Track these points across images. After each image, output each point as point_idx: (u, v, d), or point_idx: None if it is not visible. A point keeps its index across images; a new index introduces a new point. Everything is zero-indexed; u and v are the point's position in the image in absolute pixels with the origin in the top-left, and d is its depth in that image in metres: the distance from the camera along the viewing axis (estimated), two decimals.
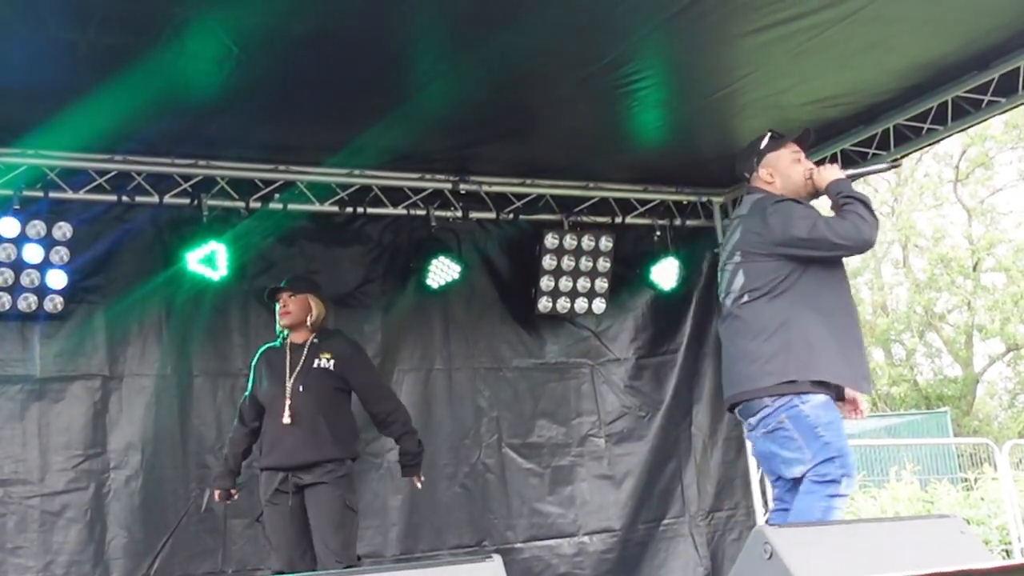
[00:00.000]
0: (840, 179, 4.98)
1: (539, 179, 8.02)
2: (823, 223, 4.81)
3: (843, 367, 4.85)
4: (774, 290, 4.89)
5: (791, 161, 5.10)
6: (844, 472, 4.78)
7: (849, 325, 4.94)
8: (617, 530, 8.02)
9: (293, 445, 6.02)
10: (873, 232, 4.81)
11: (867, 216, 4.79)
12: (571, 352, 8.21)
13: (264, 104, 6.24)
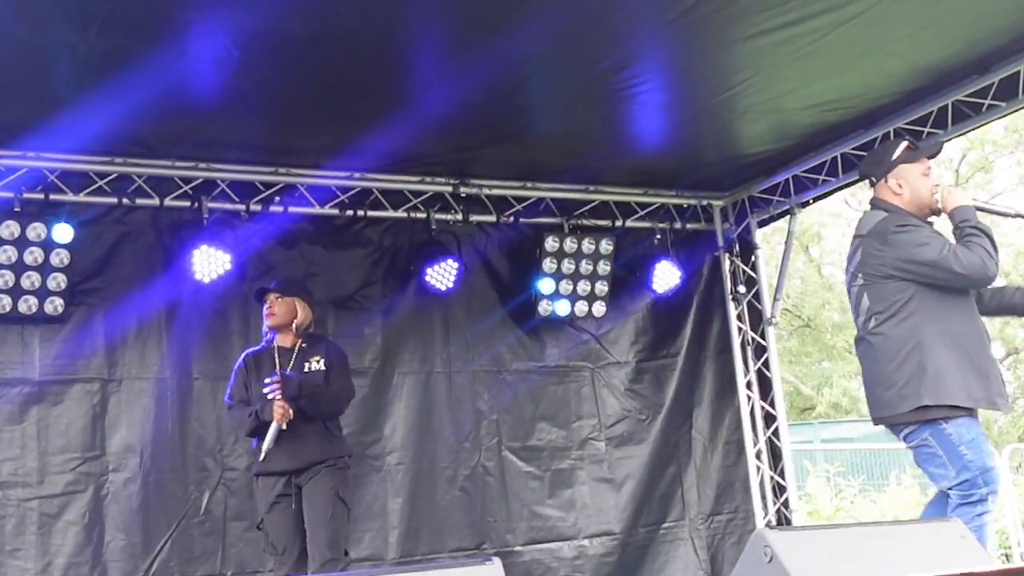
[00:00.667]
0: (967, 206, 5.05)
1: (539, 182, 8.03)
2: (950, 251, 4.91)
3: (977, 388, 4.93)
4: (899, 312, 5.02)
5: (921, 175, 5.17)
6: (990, 490, 4.89)
7: (979, 344, 5.01)
8: (617, 533, 8.01)
9: (295, 448, 5.97)
10: (996, 267, 4.93)
11: (992, 251, 4.91)
12: (571, 355, 8.21)
13: (264, 106, 6.24)
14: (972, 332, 4.99)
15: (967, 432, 4.88)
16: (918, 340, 4.96)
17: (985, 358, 4.98)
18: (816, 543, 3.40)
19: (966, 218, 4.98)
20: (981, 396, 4.92)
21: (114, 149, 6.74)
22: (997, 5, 5.94)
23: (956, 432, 4.87)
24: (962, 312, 5.02)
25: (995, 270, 4.90)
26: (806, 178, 8.19)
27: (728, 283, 8.80)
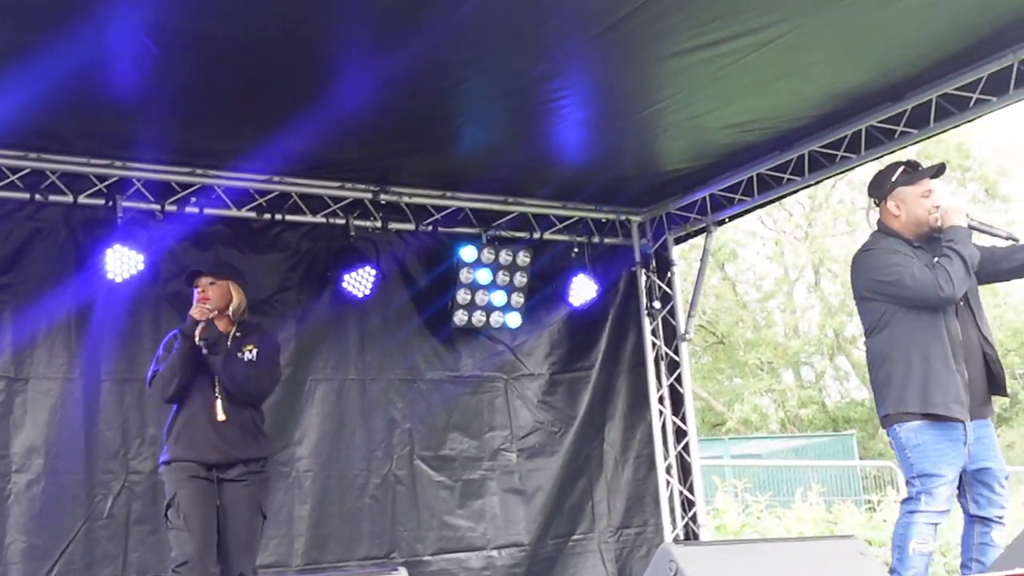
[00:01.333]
0: (958, 227, 5.27)
1: (459, 192, 8.03)
2: (908, 272, 5.21)
3: (934, 396, 5.19)
4: (876, 327, 5.41)
5: (920, 196, 5.36)
6: (920, 490, 5.18)
7: (943, 357, 5.21)
8: (526, 545, 8.02)
9: (227, 443, 5.81)
10: (953, 289, 5.15)
11: (955, 274, 5.15)
12: (485, 366, 8.21)
13: (182, 106, 6.17)
14: (938, 346, 5.22)
15: (915, 436, 5.19)
16: (887, 354, 5.35)
17: (946, 370, 5.20)
18: (719, 558, 3.45)
19: (951, 238, 5.25)
20: (938, 403, 5.18)
21: (27, 144, 6.62)
22: (912, 35, 6.08)
23: (906, 436, 5.23)
24: (930, 328, 5.25)
25: (950, 290, 5.13)
26: (723, 196, 8.30)
27: (644, 298, 8.87)
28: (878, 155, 7.57)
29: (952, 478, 5.18)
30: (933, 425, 5.20)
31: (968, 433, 5.20)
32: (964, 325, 5.33)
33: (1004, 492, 5.31)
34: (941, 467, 5.16)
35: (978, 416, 5.29)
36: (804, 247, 28.55)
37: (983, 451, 5.25)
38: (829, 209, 28.72)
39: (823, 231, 28.69)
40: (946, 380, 5.21)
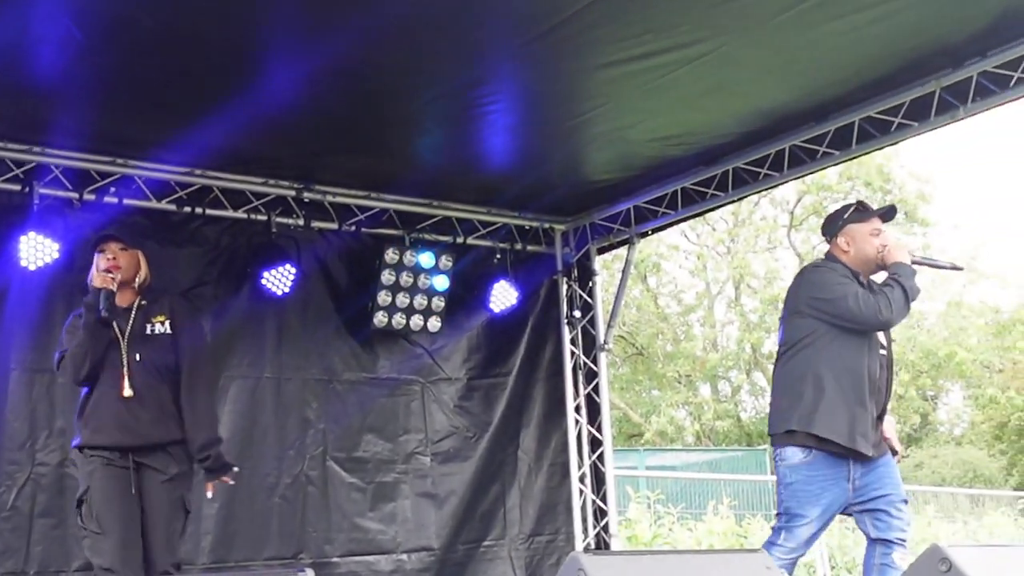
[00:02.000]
0: (902, 263, 5.41)
1: (384, 193, 7.99)
2: (852, 291, 5.32)
3: (842, 426, 5.32)
4: (800, 344, 5.49)
5: (868, 234, 5.50)
6: (782, 526, 5.42)
7: (858, 388, 5.36)
8: (436, 549, 7.99)
9: (138, 422, 5.41)
10: (891, 315, 5.30)
11: (896, 301, 5.29)
12: (403, 369, 8.17)
13: (106, 93, 6.07)
14: (856, 376, 5.37)
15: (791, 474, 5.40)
16: (805, 371, 5.46)
17: (857, 403, 5.34)
18: (628, 568, 3.45)
19: (896, 272, 5.39)
20: (843, 433, 5.30)
21: None
22: (837, 58, 6.16)
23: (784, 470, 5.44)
24: (854, 359, 5.40)
25: (888, 315, 5.28)
26: (647, 209, 8.35)
27: (564, 307, 8.89)
28: (800, 174, 7.68)
29: (815, 518, 5.37)
30: (818, 460, 5.35)
31: (853, 469, 5.35)
32: (881, 372, 5.48)
33: (902, 515, 5.43)
34: (807, 508, 5.36)
35: (880, 453, 5.45)
36: (726, 262, 28.87)
37: (877, 480, 5.41)
38: (751, 226, 29.09)
39: (745, 247, 29.05)
40: (858, 413, 5.34)
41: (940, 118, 6.59)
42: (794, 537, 5.38)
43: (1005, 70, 6.22)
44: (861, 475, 5.38)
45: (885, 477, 5.42)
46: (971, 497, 21.67)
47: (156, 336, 5.58)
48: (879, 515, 5.42)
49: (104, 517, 5.32)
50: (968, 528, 18.02)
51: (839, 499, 5.39)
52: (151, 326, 5.59)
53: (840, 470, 5.34)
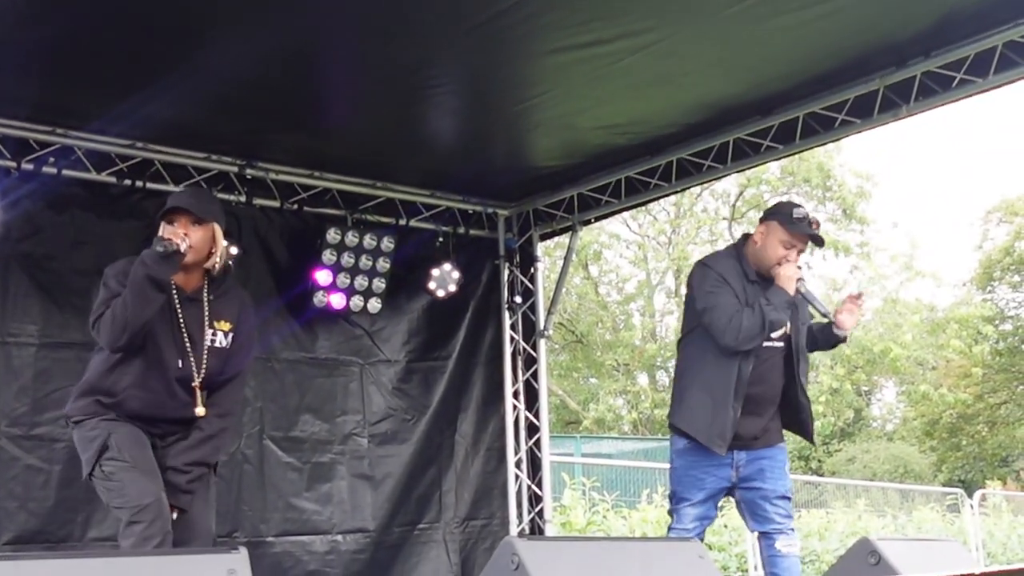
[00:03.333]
0: (782, 291, 5.51)
1: (327, 172, 7.94)
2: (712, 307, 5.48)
3: (703, 425, 5.52)
4: (688, 334, 5.72)
5: (779, 243, 5.57)
6: (671, 508, 5.69)
7: (724, 387, 5.50)
8: (371, 531, 7.97)
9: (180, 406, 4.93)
10: (735, 342, 5.43)
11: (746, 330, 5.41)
12: (342, 349, 8.13)
13: (46, 61, 5.96)
14: (723, 376, 5.51)
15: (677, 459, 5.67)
16: (685, 366, 5.76)
17: (720, 404, 5.49)
18: (562, 553, 3.47)
19: (769, 298, 5.50)
20: (702, 432, 5.53)
21: None
22: (784, 53, 6.21)
23: (671, 454, 5.72)
24: (723, 359, 5.53)
25: (731, 342, 5.42)
26: (590, 197, 8.37)
27: (505, 292, 8.89)
28: (744, 167, 7.74)
29: (700, 500, 5.57)
30: (699, 448, 5.54)
31: (735, 456, 5.55)
32: (770, 371, 5.61)
33: (780, 508, 5.58)
34: (691, 491, 5.58)
35: (766, 444, 5.65)
36: (666, 253, 29.03)
37: (759, 474, 5.59)
38: (693, 217, 29.25)
39: (686, 238, 29.21)
40: (719, 413, 5.49)
41: (883, 116, 6.66)
42: (681, 519, 5.59)
43: (948, 71, 6.30)
44: (745, 462, 5.58)
45: (767, 471, 5.59)
46: (901, 492, 22.00)
47: (215, 349, 5.03)
48: (756, 508, 5.61)
49: (137, 456, 4.77)
50: (898, 522, 18.29)
51: (722, 484, 5.58)
52: (213, 333, 5.00)
53: (721, 458, 5.52)
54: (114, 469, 4.74)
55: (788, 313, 5.54)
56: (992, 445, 31.99)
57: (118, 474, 4.73)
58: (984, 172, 58.24)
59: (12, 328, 6.74)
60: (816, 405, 26.43)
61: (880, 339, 27.16)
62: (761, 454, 5.60)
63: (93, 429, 4.85)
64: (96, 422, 4.85)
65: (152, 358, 4.89)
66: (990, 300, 32.32)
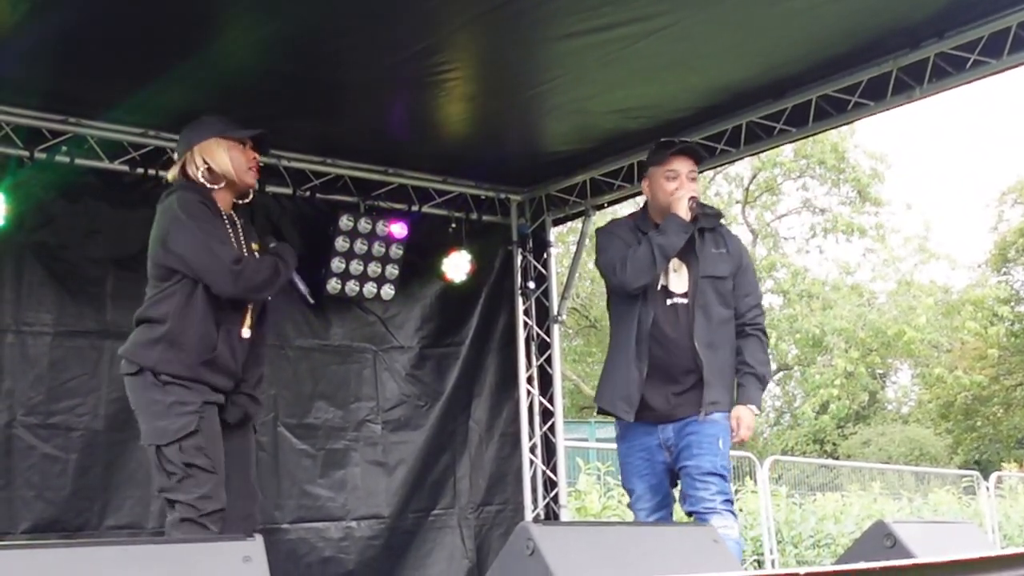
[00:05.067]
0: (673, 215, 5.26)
1: (339, 159, 7.94)
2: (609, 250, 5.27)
3: (607, 391, 5.31)
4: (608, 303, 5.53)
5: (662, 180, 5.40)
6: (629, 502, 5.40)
7: (624, 352, 5.25)
8: (386, 517, 7.99)
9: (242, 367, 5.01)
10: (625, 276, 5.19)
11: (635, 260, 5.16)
12: (355, 336, 8.14)
13: (60, 51, 5.97)
14: (623, 337, 5.28)
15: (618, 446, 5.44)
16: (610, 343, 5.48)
17: (623, 364, 5.25)
18: (578, 539, 3.46)
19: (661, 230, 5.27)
20: (605, 397, 5.34)
21: None
22: (796, 35, 6.19)
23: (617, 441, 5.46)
24: (623, 319, 5.32)
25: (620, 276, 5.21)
26: (603, 181, 8.36)
27: (518, 278, 8.89)
28: (757, 150, 7.73)
29: (646, 490, 5.29)
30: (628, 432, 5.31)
31: (662, 434, 5.24)
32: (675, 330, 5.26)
33: (708, 485, 5.13)
34: (634, 481, 5.33)
35: (685, 416, 5.23)
36: None
37: (686, 450, 5.20)
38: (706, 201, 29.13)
39: None
40: (620, 375, 5.23)
41: (896, 98, 6.63)
42: (638, 513, 5.32)
43: (961, 52, 6.26)
44: (674, 439, 5.23)
45: (694, 446, 5.18)
46: (917, 475, 21.96)
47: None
48: (685, 487, 5.21)
49: (219, 456, 4.76)
50: (913, 505, 18.26)
51: (662, 468, 5.27)
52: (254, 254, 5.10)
53: (651, 438, 5.24)
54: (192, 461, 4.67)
55: (683, 236, 5.21)
56: (1008, 427, 31.93)
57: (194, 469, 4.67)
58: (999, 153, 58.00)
59: (27, 317, 6.76)
60: (831, 388, 26.42)
61: (895, 321, 27.08)
62: (688, 428, 5.19)
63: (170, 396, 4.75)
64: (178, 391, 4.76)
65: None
66: (1005, 281, 32.23)
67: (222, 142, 5.09)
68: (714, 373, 5.24)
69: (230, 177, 5.08)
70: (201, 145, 5.09)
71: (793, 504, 15.39)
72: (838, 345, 26.84)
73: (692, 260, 5.34)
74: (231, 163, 5.05)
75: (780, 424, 34.91)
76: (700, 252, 5.36)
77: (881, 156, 28.21)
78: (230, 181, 5.09)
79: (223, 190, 5.08)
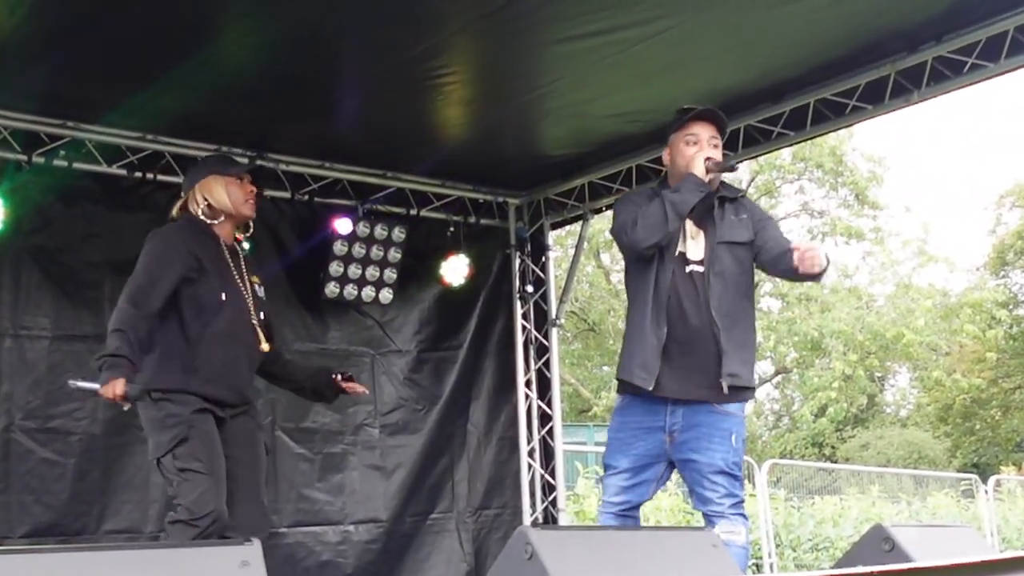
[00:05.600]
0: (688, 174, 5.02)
1: (337, 163, 7.94)
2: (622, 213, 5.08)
3: (626, 362, 5.05)
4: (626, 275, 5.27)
5: (682, 145, 5.17)
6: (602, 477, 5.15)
7: (639, 323, 5.02)
8: (384, 521, 7.99)
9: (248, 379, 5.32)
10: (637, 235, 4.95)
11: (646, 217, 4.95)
12: (353, 340, 8.14)
13: (57, 56, 5.96)
14: (639, 303, 5.04)
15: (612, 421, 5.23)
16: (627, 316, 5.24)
17: (639, 330, 5.01)
18: (575, 543, 3.46)
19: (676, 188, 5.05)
20: (624, 367, 5.06)
21: None
22: (794, 39, 6.19)
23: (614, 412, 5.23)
24: (639, 284, 5.08)
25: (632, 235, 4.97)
26: (601, 185, 8.36)
27: (516, 281, 8.89)
28: (755, 154, 7.73)
29: (625, 468, 5.01)
30: (631, 407, 5.05)
31: (669, 419, 4.96)
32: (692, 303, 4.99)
33: (716, 486, 4.89)
34: (617, 457, 5.05)
35: (697, 399, 4.95)
36: None
37: (694, 441, 4.93)
38: None
39: None
40: (637, 344, 5.00)
41: (894, 101, 6.64)
42: (607, 489, 5.07)
43: (959, 55, 6.27)
44: (681, 426, 4.94)
45: (704, 440, 4.92)
46: (915, 478, 21.95)
47: (261, 297, 5.49)
48: (695, 485, 4.97)
49: (214, 460, 4.93)
50: (912, 508, 18.26)
51: (653, 451, 4.98)
52: (255, 285, 5.45)
53: (654, 418, 4.97)
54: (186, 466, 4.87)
55: (696, 194, 4.95)
56: (1006, 430, 31.91)
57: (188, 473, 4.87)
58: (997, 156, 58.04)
59: (25, 321, 6.76)
60: (829, 391, 26.42)
61: (893, 324, 27.09)
62: (700, 417, 4.91)
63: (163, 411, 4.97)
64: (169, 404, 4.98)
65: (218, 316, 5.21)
66: (1003, 284, 32.22)
67: (220, 179, 5.36)
68: (732, 344, 4.95)
69: (228, 211, 5.34)
70: (201, 183, 5.36)
71: (791, 507, 15.38)
72: (836, 348, 26.85)
73: (710, 226, 5.09)
74: (228, 198, 5.33)
75: (778, 427, 34.91)
76: (719, 219, 5.12)
77: (879, 159, 28.26)
78: (228, 214, 5.35)
79: (223, 223, 5.36)
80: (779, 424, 35.24)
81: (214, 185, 5.34)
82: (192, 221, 5.32)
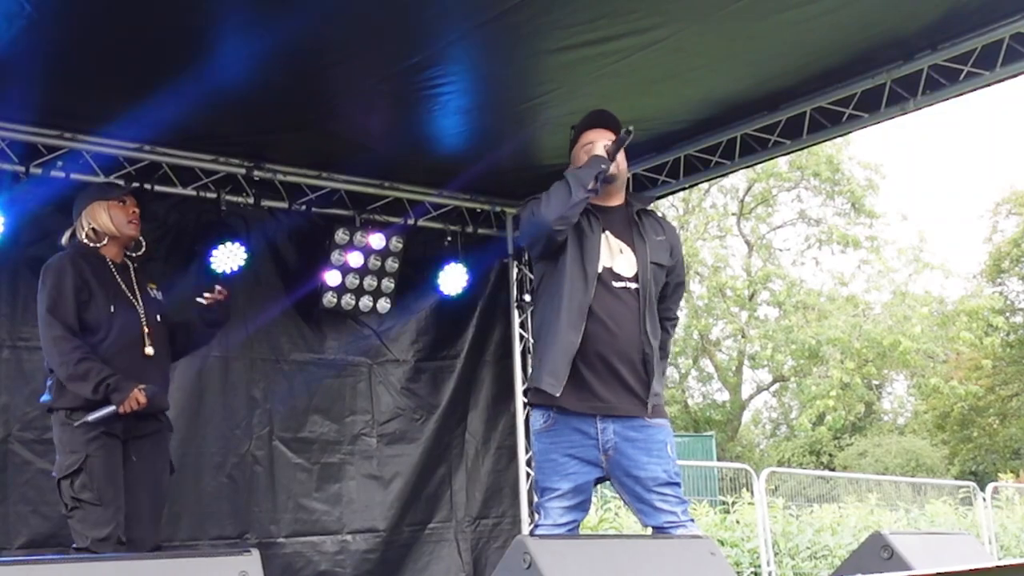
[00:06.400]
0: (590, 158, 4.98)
1: (335, 173, 7.94)
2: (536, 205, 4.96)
3: (534, 373, 4.94)
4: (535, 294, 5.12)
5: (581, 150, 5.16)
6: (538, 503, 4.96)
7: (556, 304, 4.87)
8: (382, 530, 7.98)
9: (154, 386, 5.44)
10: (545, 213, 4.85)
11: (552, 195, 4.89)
12: (351, 350, 8.14)
13: (55, 67, 5.97)
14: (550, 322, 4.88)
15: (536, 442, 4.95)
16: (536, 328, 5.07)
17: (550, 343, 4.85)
18: (574, 552, 3.46)
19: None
20: (533, 379, 4.93)
21: None
22: (790, 48, 6.21)
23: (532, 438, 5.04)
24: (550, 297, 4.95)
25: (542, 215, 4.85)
26: None
27: (514, 290, 8.89)
28: (752, 162, 7.73)
29: (568, 491, 4.81)
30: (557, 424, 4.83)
31: (602, 435, 4.79)
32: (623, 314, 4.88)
33: (667, 496, 4.80)
34: (555, 480, 4.84)
35: (627, 414, 4.83)
36: None
37: (632, 456, 4.80)
38: (701, 213, 29.26)
39: (694, 234, 29.20)
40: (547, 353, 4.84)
41: (890, 110, 6.66)
42: (548, 514, 4.84)
43: (955, 63, 6.29)
44: (613, 440, 4.79)
45: (642, 454, 4.80)
46: (913, 486, 21.94)
47: (156, 301, 5.85)
48: (637, 500, 4.83)
49: (105, 489, 5.26)
50: (910, 516, 18.24)
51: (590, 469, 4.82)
52: (151, 290, 5.85)
53: (584, 437, 4.79)
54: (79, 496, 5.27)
55: (597, 167, 4.89)
56: (1004, 437, 31.92)
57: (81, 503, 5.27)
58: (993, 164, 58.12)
59: (23, 332, 6.75)
60: (827, 399, 26.43)
61: (890, 332, 27.12)
62: (633, 432, 4.78)
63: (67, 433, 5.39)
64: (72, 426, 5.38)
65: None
66: (1000, 292, 32.26)
67: (103, 203, 5.79)
68: (656, 364, 4.91)
69: (112, 233, 5.74)
70: (86, 210, 5.78)
71: (790, 516, 15.37)
72: (834, 356, 26.87)
73: (638, 243, 5.01)
74: (112, 221, 5.74)
75: (776, 436, 34.94)
76: (646, 236, 5.03)
77: (876, 167, 28.33)
78: (113, 236, 5.75)
79: (109, 245, 5.75)
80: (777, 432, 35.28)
81: (98, 210, 5.74)
82: (78, 247, 5.71)
